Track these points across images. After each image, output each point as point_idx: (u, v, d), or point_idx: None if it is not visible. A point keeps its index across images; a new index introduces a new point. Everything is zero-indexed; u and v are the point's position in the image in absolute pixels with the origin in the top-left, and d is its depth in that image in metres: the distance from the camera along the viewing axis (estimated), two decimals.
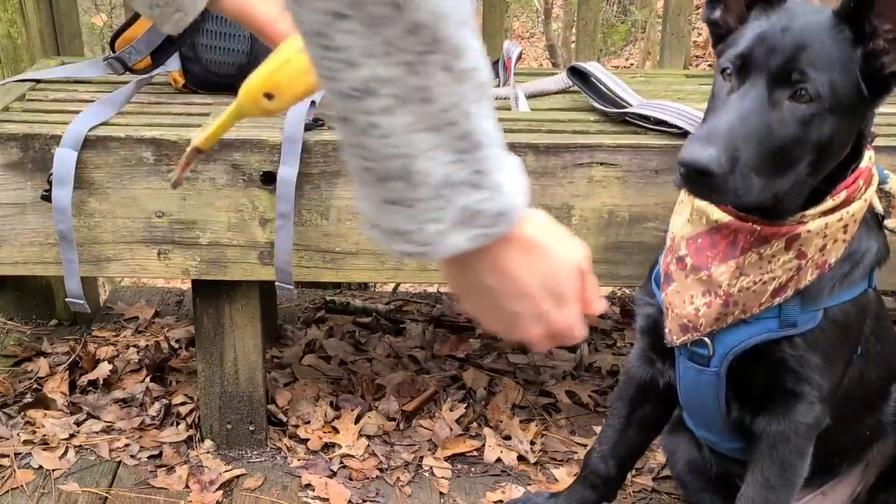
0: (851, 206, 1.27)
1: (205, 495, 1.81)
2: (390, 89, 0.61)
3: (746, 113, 1.16)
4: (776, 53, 1.17)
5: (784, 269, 1.27)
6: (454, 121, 0.64)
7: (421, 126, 0.63)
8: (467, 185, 0.67)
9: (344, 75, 0.61)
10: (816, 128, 1.18)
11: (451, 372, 2.22)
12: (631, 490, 1.85)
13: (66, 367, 2.19)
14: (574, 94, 2.01)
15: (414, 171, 0.65)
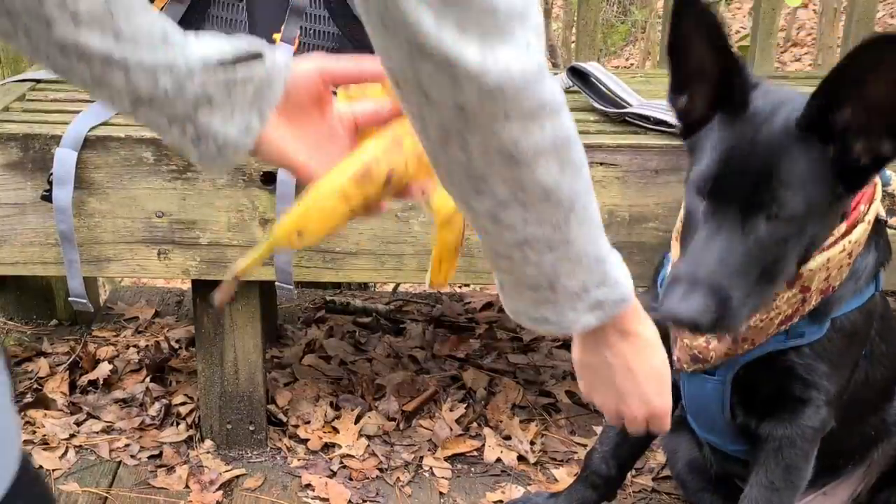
0: (853, 233, 1.25)
1: (205, 495, 1.81)
2: (541, 242, 0.81)
3: (724, 250, 1.12)
4: (746, 177, 1.13)
5: (789, 304, 1.27)
6: (587, 252, 0.83)
7: (564, 259, 0.83)
8: (595, 285, 0.86)
9: (507, 235, 0.80)
10: (797, 239, 1.15)
11: (451, 372, 2.22)
12: (631, 490, 1.85)
13: (66, 367, 2.19)
14: (574, 94, 2.01)
15: (558, 285, 0.85)
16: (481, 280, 1.78)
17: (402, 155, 0.92)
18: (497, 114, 0.70)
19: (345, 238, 1.73)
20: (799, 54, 5.83)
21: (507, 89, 0.68)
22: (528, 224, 0.78)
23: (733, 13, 6.95)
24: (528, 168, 0.74)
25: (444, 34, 0.66)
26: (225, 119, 0.89)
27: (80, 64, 0.83)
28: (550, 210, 0.78)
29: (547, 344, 2.38)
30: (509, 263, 0.84)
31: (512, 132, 0.71)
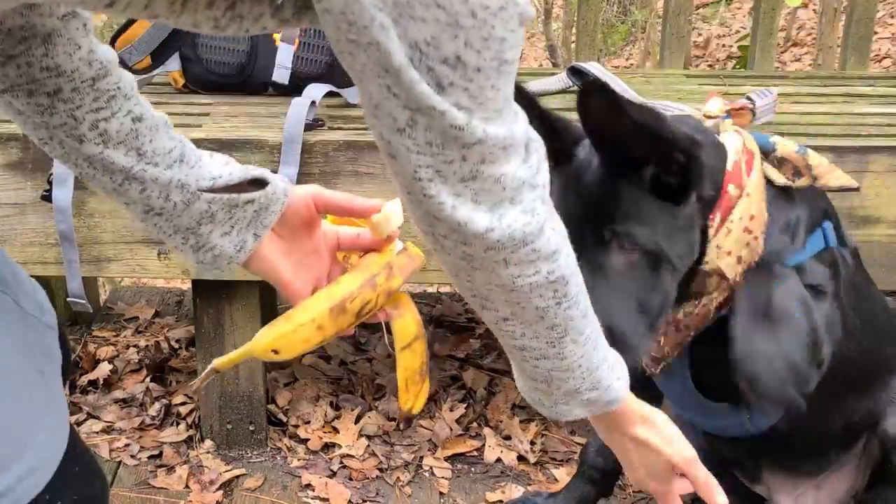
0: (734, 212, 1.25)
1: (205, 495, 1.81)
2: (537, 351, 0.92)
3: (600, 294, 1.14)
4: (583, 224, 1.19)
5: (718, 291, 1.28)
6: (580, 365, 0.94)
7: (557, 368, 0.93)
8: (587, 389, 0.97)
9: (508, 340, 0.92)
10: (656, 266, 1.20)
11: (451, 372, 2.22)
12: (631, 490, 1.85)
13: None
14: (574, 94, 2.01)
15: (553, 384, 0.96)
16: None
17: (374, 291, 1.02)
18: (498, 261, 0.79)
19: None
20: (799, 54, 5.83)
21: (508, 244, 0.78)
22: (526, 337, 0.90)
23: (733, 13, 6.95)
24: (525, 297, 0.84)
25: (458, 207, 0.75)
26: (224, 234, 0.99)
27: (104, 175, 0.94)
28: (545, 330, 0.88)
29: None
30: (512, 356, 0.96)
31: (511, 273, 0.81)
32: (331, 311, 1.00)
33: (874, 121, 1.89)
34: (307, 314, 1.01)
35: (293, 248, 1.05)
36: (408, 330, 1.09)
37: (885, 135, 1.79)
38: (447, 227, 0.77)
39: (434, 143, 0.71)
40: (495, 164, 0.74)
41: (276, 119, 1.80)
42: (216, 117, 1.88)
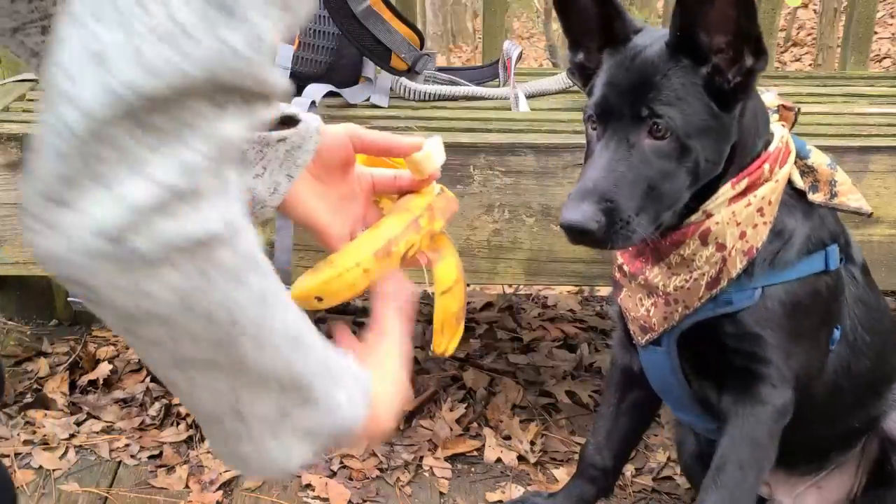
0: (760, 189, 1.28)
1: (205, 495, 1.81)
2: (209, 364, 0.69)
3: (611, 162, 1.20)
4: (624, 96, 1.22)
5: (710, 264, 1.29)
6: (277, 377, 0.72)
7: (241, 385, 0.71)
8: (298, 409, 0.74)
9: (155, 356, 0.69)
10: (680, 158, 1.21)
11: (451, 372, 2.22)
12: (631, 490, 1.85)
13: (66, 367, 2.19)
14: (574, 93, 2.02)
15: (244, 413, 0.73)
16: (481, 280, 1.78)
17: (418, 234, 0.98)
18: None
19: None
20: (799, 54, 5.84)
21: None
22: (179, 343, 0.68)
23: None
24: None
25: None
26: (256, 176, 0.93)
27: None
28: (203, 329, 0.68)
29: (547, 344, 2.38)
30: (177, 388, 0.74)
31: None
32: (376, 254, 0.95)
33: (874, 121, 1.89)
34: (351, 258, 0.95)
35: (329, 190, 1.00)
36: (449, 274, 1.05)
37: (886, 135, 1.79)
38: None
39: None
40: None
41: None
42: None
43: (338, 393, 0.77)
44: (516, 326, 2.48)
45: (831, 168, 1.35)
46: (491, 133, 1.75)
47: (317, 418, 0.76)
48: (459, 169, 1.69)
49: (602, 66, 1.27)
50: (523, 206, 1.71)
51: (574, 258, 1.74)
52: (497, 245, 1.73)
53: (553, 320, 2.52)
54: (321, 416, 0.76)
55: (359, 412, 0.79)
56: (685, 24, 1.19)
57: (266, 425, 0.75)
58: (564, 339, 2.42)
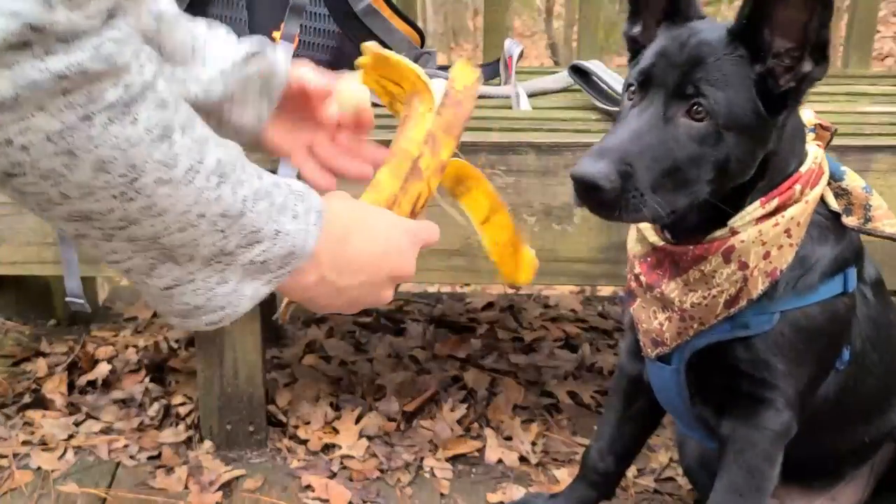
0: (789, 210, 1.24)
1: (204, 496, 1.80)
2: (114, 216, 0.67)
3: (641, 129, 1.16)
4: (673, 69, 1.18)
5: (730, 282, 1.26)
6: (201, 213, 0.70)
7: (171, 230, 0.70)
8: (242, 246, 0.74)
9: (54, 213, 0.68)
10: (712, 146, 1.17)
11: (451, 372, 2.22)
12: (633, 491, 1.84)
13: (64, 367, 2.19)
14: (575, 92, 2.00)
15: (178, 255, 0.72)
16: (482, 280, 1.77)
17: (422, 179, 0.89)
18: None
19: None
20: None
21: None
22: (68, 196, 0.66)
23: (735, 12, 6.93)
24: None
25: None
26: (242, 110, 1.00)
27: None
28: (92, 175, 0.65)
29: (549, 344, 2.37)
30: (96, 246, 0.73)
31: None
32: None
33: (877, 119, 1.88)
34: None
35: (282, 114, 1.08)
36: (479, 204, 0.97)
37: (888, 133, 1.78)
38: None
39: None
40: None
41: None
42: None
43: (281, 217, 0.76)
44: (517, 326, 2.47)
45: (867, 192, 1.32)
46: (492, 132, 1.74)
47: (262, 248, 0.75)
48: None
49: (655, 40, 1.24)
50: (525, 205, 1.70)
51: (576, 258, 1.73)
52: None
53: (554, 320, 2.51)
54: (267, 245, 0.75)
55: (310, 233, 0.78)
56: (754, 15, 1.16)
57: (208, 268, 0.73)
58: (566, 339, 2.41)
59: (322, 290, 0.84)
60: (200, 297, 0.75)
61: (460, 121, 0.88)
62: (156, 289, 0.74)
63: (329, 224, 0.81)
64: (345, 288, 0.85)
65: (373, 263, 0.87)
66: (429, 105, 0.89)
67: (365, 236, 0.86)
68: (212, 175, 0.70)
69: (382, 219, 0.90)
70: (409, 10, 2.32)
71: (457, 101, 0.86)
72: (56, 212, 0.67)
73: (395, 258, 0.89)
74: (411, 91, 0.89)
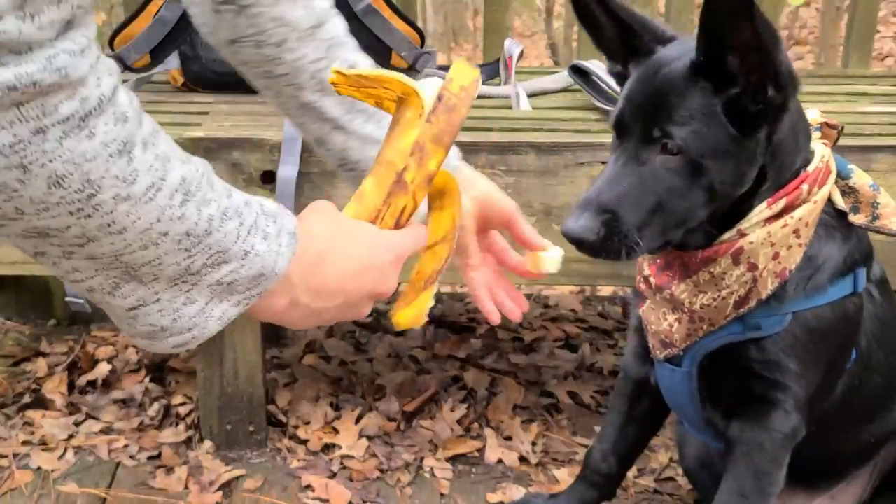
0: (797, 210, 1.24)
1: (204, 496, 1.80)
2: (72, 233, 0.65)
3: (616, 175, 1.19)
4: (638, 114, 1.20)
5: (740, 283, 1.26)
6: (164, 231, 0.69)
7: (133, 248, 0.68)
8: (208, 266, 0.72)
9: (9, 229, 0.65)
10: (693, 176, 1.17)
11: (451, 372, 2.22)
12: (633, 491, 1.84)
13: (64, 367, 2.19)
14: (576, 92, 2.01)
15: (141, 274, 0.70)
16: None
17: (406, 193, 0.86)
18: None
19: None
20: (801, 53, 5.82)
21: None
22: (25, 212, 0.64)
23: None
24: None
25: None
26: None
27: (313, 123, 1.01)
28: (46, 192, 0.63)
29: (549, 344, 2.37)
30: (55, 266, 0.71)
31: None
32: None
33: (877, 119, 1.88)
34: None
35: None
36: (439, 227, 0.95)
37: (888, 133, 1.78)
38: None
39: None
40: None
41: (276, 118, 1.79)
42: (215, 116, 1.87)
43: (251, 237, 0.74)
44: (517, 326, 2.47)
45: (874, 189, 1.31)
46: (492, 132, 1.74)
47: (229, 269, 0.73)
48: None
49: (629, 78, 1.26)
50: (525, 205, 1.70)
51: (576, 258, 1.72)
52: None
53: (554, 320, 2.51)
54: (235, 266, 0.73)
55: (281, 254, 0.76)
56: (711, 47, 1.15)
57: (173, 288, 0.72)
58: (566, 339, 2.41)
59: (295, 313, 0.82)
60: (166, 318, 0.74)
61: (453, 128, 0.82)
62: (120, 309, 0.74)
63: (304, 246, 0.79)
64: (320, 311, 0.84)
65: (350, 284, 0.85)
66: (418, 110, 0.83)
67: (343, 256, 0.84)
68: (175, 193, 0.69)
69: (363, 235, 0.87)
70: (409, 10, 2.32)
71: (450, 107, 0.81)
72: (11, 228, 0.65)
73: (374, 277, 0.88)
74: (400, 93, 0.85)
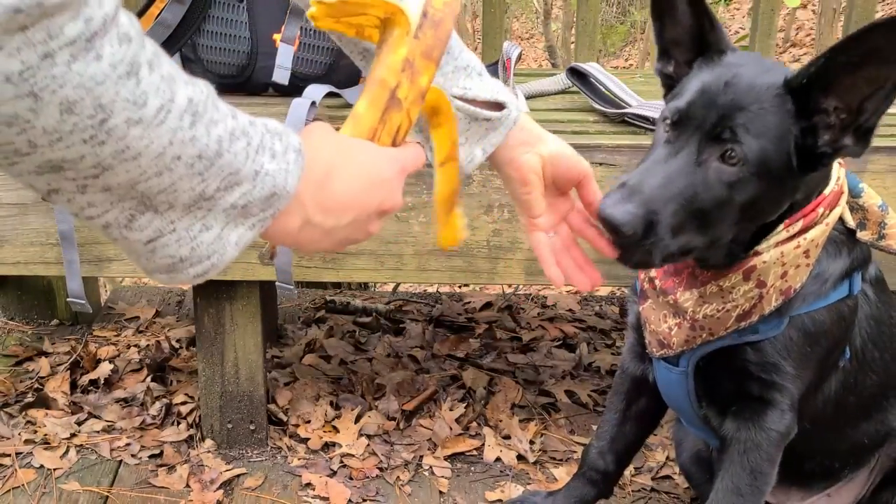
0: (810, 232, 1.26)
1: (205, 494, 1.81)
2: (87, 163, 0.64)
3: (672, 174, 1.15)
4: (713, 109, 1.16)
5: (746, 298, 1.28)
6: (177, 155, 0.68)
7: (148, 174, 0.67)
8: (221, 189, 0.72)
9: (23, 166, 0.64)
10: (740, 192, 1.16)
11: (450, 371, 2.23)
12: (630, 489, 1.86)
13: (67, 366, 2.20)
14: (573, 94, 2.02)
15: (157, 203, 0.69)
16: (481, 280, 1.79)
17: (401, 111, 0.85)
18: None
19: None
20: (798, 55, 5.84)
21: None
22: (37, 145, 0.62)
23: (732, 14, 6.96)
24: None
25: None
26: (459, 146, 1.04)
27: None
28: (60, 119, 0.61)
29: (546, 344, 2.39)
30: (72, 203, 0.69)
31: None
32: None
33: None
34: None
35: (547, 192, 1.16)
36: (442, 144, 0.94)
37: (884, 135, 1.79)
38: None
39: None
40: None
41: (277, 119, 1.80)
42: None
43: (259, 157, 0.74)
44: (516, 326, 2.49)
45: (882, 210, 1.33)
46: None
47: (242, 191, 0.73)
48: None
49: (692, 74, 1.23)
50: None
51: None
52: (496, 245, 1.73)
53: (552, 320, 2.53)
54: (247, 187, 0.73)
55: (290, 172, 0.76)
56: (818, 76, 1.12)
57: (189, 215, 0.71)
58: (564, 338, 2.43)
59: (308, 233, 0.82)
60: (184, 248, 0.73)
61: (441, 42, 0.82)
62: (138, 243, 0.72)
63: (310, 163, 0.79)
64: (332, 229, 0.84)
65: (359, 200, 0.85)
66: (405, 28, 0.82)
67: (349, 172, 0.84)
68: (184, 114, 0.68)
69: (366, 152, 0.86)
70: None
71: (436, 21, 0.80)
72: (25, 164, 0.64)
73: (381, 192, 0.87)
74: (385, 14, 0.83)
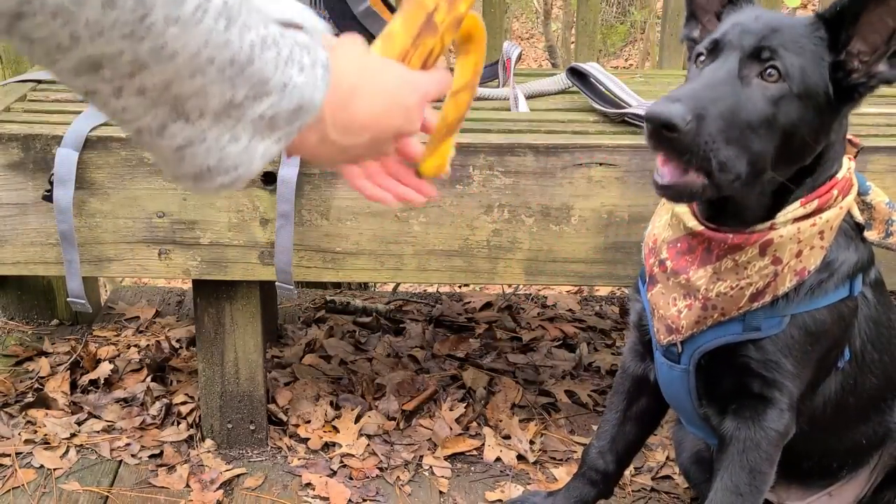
0: (825, 213, 1.27)
1: (205, 494, 1.81)
2: (125, 59, 0.65)
3: (715, 82, 1.15)
4: (749, 35, 1.18)
5: (761, 275, 1.28)
6: (211, 57, 0.68)
7: (182, 75, 0.68)
8: (250, 98, 0.72)
9: (63, 63, 0.64)
10: (783, 110, 1.17)
11: (450, 371, 2.23)
12: (630, 489, 1.86)
13: (67, 366, 2.20)
14: (573, 94, 2.02)
15: (189, 110, 0.70)
16: (481, 280, 1.79)
17: (435, 35, 0.87)
18: None
19: (345, 238, 1.74)
20: None
21: None
22: (79, 38, 0.63)
23: None
24: None
25: None
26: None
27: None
28: (100, 14, 0.62)
29: (546, 344, 2.39)
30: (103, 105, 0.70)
31: None
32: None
33: (873, 121, 1.90)
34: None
35: None
36: (464, 71, 0.95)
37: (885, 135, 1.80)
38: None
39: None
40: None
41: None
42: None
43: (288, 69, 0.74)
44: (516, 326, 2.49)
45: (890, 207, 1.34)
46: (490, 133, 1.76)
47: (270, 101, 0.73)
48: (459, 169, 1.70)
49: (723, 21, 1.26)
50: (523, 206, 1.72)
51: (573, 258, 1.75)
52: (496, 245, 1.74)
53: (552, 320, 2.53)
54: (275, 98, 0.74)
55: (318, 87, 0.76)
56: (849, 8, 1.16)
57: (219, 125, 0.72)
58: (564, 338, 2.43)
59: (325, 149, 0.84)
60: (212, 158, 0.74)
61: None
62: (168, 150, 0.73)
63: (336, 80, 0.79)
64: (349, 147, 0.85)
65: (379, 122, 0.86)
66: None
67: (372, 93, 0.85)
68: (220, 17, 0.68)
69: (392, 73, 0.87)
70: None
71: None
72: (65, 61, 0.64)
73: (401, 115, 0.88)
74: None
